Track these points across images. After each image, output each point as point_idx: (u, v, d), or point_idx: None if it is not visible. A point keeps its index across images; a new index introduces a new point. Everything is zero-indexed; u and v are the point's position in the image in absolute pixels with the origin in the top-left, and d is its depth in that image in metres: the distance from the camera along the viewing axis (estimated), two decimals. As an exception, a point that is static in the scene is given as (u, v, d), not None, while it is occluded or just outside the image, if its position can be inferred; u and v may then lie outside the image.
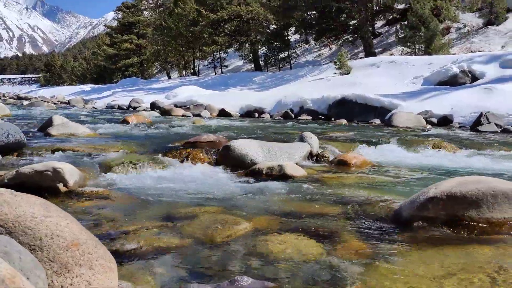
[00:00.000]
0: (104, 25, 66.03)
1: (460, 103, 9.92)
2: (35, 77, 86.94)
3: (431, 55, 16.42)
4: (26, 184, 2.76)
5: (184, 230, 2.13)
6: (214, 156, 4.19)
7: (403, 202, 2.40)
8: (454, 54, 17.07)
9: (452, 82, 12.43)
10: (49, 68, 72.17)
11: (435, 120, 9.55)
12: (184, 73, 38.33)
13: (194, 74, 35.51)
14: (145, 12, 43.75)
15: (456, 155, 4.85)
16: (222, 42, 28.73)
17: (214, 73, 33.51)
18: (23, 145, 4.07)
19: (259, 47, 28.34)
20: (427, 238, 2.06)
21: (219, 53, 33.20)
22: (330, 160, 4.45)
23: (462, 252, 1.84)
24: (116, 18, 44.97)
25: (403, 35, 18.60)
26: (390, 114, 9.87)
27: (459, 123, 9.17)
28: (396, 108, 10.63)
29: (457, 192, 2.17)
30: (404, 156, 4.80)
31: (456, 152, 5.05)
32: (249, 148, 4.04)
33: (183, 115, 12.76)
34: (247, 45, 29.08)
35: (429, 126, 9.08)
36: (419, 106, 10.41)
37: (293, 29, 26.66)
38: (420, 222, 2.22)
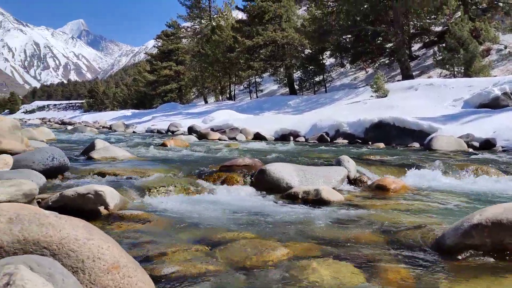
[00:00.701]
0: (144, 53, 68.56)
1: (502, 126, 9.56)
2: (79, 103, 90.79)
3: (470, 77, 16.02)
4: (69, 207, 2.84)
5: (220, 255, 2.13)
6: (250, 180, 4.20)
7: (446, 229, 2.31)
8: (495, 76, 16.59)
9: (493, 104, 12.04)
10: (92, 94, 75.30)
11: (476, 144, 9.24)
12: (220, 97, 39.01)
13: (230, 98, 36.08)
14: (183, 40, 45.22)
15: (500, 180, 4.66)
16: (257, 67, 29.15)
17: (249, 97, 33.91)
18: (67, 168, 4.21)
19: (294, 71, 28.55)
20: (472, 267, 1.97)
21: (255, 78, 33.65)
22: (368, 184, 4.36)
23: (510, 283, 1.75)
24: (156, 46, 46.63)
25: (441, 57, 18.28)
26: (429, 137, 9.61)
27: (502, 147, 8.82)
28: (435, 131, 10.36)
29: (503, 218, 2.07)
30: (445, 181, 4.65)
31: (500, 177, 4.85)
32: (284, 171, 4.03)
33: (219, 139, 12.93)
34: (282, 69, 29.36)
35: (470, 150, 8.78)
36: (459, 129, 10.11)
37: (328, 53, 26.74)
38: (465, 250, 2.13)
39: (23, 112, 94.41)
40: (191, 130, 16.03)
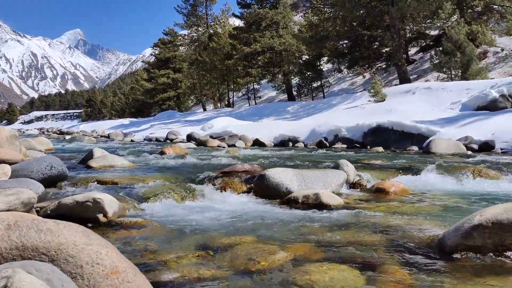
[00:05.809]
0: (142, 61, 68.96)
1: (501, 128, 9.58)
2: (76, 112, 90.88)
3: (468, 80, 16.07)
4: (67, 215, 2.83)
5: (220, 260, 2.12)
6: (249, 185, 4.19)
7: (447, 231, 2.31)
8: (493, 78, 16.64)
9: (491, 107, 12.08)
10: (90, 104, 75.42)
11: (475, 146, 9.25)
12: (219, 105, 39.06)
13: (228, 105, 36.11)
14: (181, 48, 45.33)
15: (499, 182, 4.65)
16: (255, 74, 29.24)
17: (248, 104, 33.94)
18: (65, 177, 4.21)
19: (292, 77, 28.61)
20: (473, 268, 1.96)
21: (253, 85, 33.71)
22: (367, 188, 4.36)
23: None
24: (153, 54, 46.73)
25: (438, 61, 18.35)
26: (428, 141, 9.62)
27: (501, 149, 8.83)
28: (434, 134, 10.37)
29: (503, 219, 2.06)
30: (444, 183, 4.65)
31: (500, 178, 4.85)
32: (284, 176, 4.02)
33: (218, 146, 12.92)
34: (280, 76, 29.44)
35: (469, 152, 8.79)
36: (458, 132, 10.13)
37: (325, 58, 26.82)
38: (466, 251, 2.12)
39: (21, 122, 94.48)
40: (190, 138, 16.01)
